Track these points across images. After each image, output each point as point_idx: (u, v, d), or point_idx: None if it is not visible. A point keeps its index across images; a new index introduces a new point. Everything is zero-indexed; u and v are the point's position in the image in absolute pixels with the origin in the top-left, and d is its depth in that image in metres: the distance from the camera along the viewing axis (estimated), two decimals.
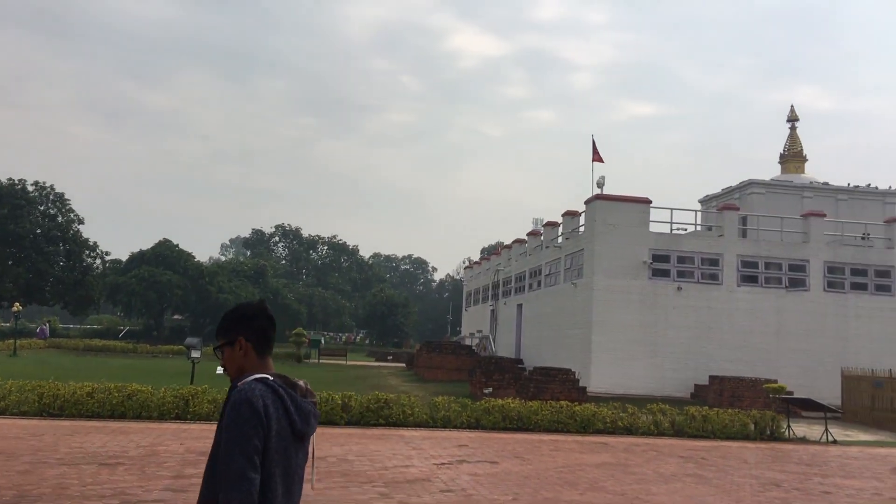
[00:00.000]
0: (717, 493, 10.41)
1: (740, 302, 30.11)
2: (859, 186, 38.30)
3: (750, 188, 37.70)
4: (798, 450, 15.91)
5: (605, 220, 29.70)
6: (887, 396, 22.86)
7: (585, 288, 30.23)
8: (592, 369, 28.56)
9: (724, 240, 30.74)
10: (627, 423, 17.20)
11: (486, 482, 10.31)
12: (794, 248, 31.09)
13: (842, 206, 37.07)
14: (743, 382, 25.25)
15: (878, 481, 12.19)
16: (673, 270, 30.01)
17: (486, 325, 47.29)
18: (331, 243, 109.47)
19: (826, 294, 30.72)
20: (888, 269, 31.28)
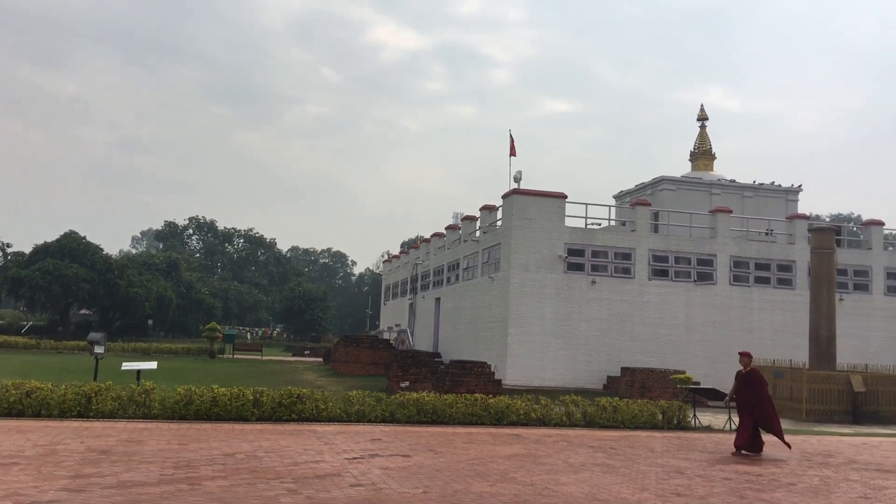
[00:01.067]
0: (623, 481, 10.61)
1: (651, 295, 30.92)
2: (764, 184, 39.80)
3: (661, 184, 38.73)
4: (703, 438, 16.40)
5: (521, 214, 30.03)
6: (787, 386, 23.83)
7: (502, 282, 30.50)
8: (508, 362, 28.85)
9: (636, 235, 31.50)
10: (541, 415, 17.40)
11: (398, 476, 10.24)
12: (702, 243, 32.09)
13: (747, 203, 38.47)
14: (653, 373, 25.91)
15: (775, 467, 12.66)
16: (587, 264, 30.58)
17: (404, 319, 47.23)
18: (247, 236, 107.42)
19: (732, 287, 31.84)
20: (790, 263, 32.61)
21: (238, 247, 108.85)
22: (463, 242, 37.44)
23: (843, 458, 14.23)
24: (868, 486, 11.17)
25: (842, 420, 22.54)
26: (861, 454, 15.07)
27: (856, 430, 20.44)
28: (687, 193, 38.37)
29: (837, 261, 28.32)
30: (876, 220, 35.12)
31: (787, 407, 23.36)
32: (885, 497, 10.37)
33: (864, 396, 22.97)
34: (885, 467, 13.30)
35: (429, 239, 45.52)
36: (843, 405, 22.96)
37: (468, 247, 36.24)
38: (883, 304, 33.26)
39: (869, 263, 33.53)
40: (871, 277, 33.43)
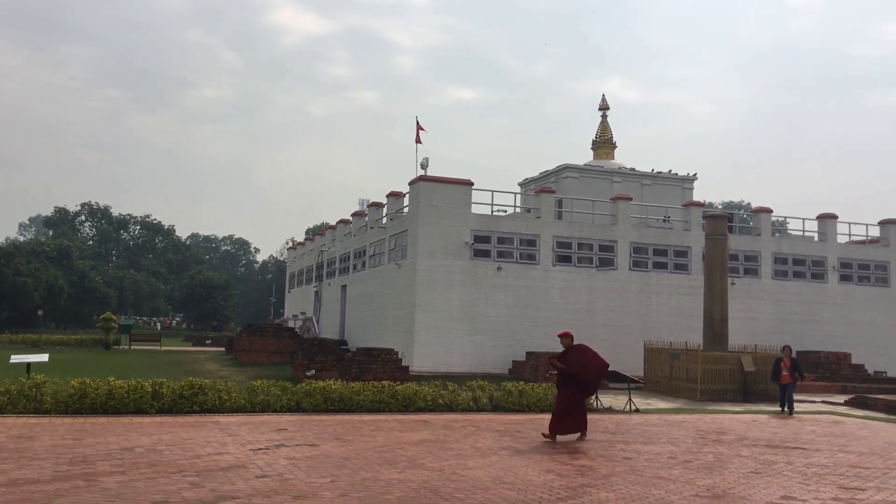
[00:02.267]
0: (529, 463, 10.79)
1: (555, 281, 31.53)
2: (662, 173, 41.12)
3: (565, 172, 39.49)
4: (604, 419, 16.85)
5: (428, 201, 30.05)
6: (683, 367, 24.75)
7: (409, 268, 30.50)
8: (416, 348, 28.91)
9: (541, 221, 32.01)
10: (448, 401, 17.50)
11: (305, 465, 10.10)
12: (604, 230, 32.91)
13: (646, 191, 39.67)
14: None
15: (673, 445, 13.14)
16: (493, 251, 30.90)
17: (310, 307, 46.66)
18: (144, 223, 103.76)
19: (631, 273, 32.80)
20: (686, 249, 33.83)
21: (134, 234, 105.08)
22: (370, 229, 37.22)
23: (736, 436, 14.88)
24: (758, 462, 11.71)
25: (734, 398, 23.56)
26: (751, 431, 15.80)
27: (746, 407, 21.42)
28: (589, 181, 39.26)
29: (730, 246, 29.57)
30: (764, 207, 36.82)
31: (683, 387, 24.28)
32: (774, 471, 10.89)
33: (754, 375, 24.08)
34: (773, 443, 13.98)
35: (335, 226, 45.06)
36: (734, 384, 24.01)
37: (375, 234, 36.05)
38: (771, 288, 34.94)
39: (758, 249, 35.14)
40: (760, 262, 35.06)
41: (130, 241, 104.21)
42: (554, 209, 33.49)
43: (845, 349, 33.85)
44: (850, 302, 35.94)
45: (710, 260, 27.19)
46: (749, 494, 9.12)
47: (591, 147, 44.53)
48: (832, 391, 27.74)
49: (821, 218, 37.07)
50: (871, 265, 36.78)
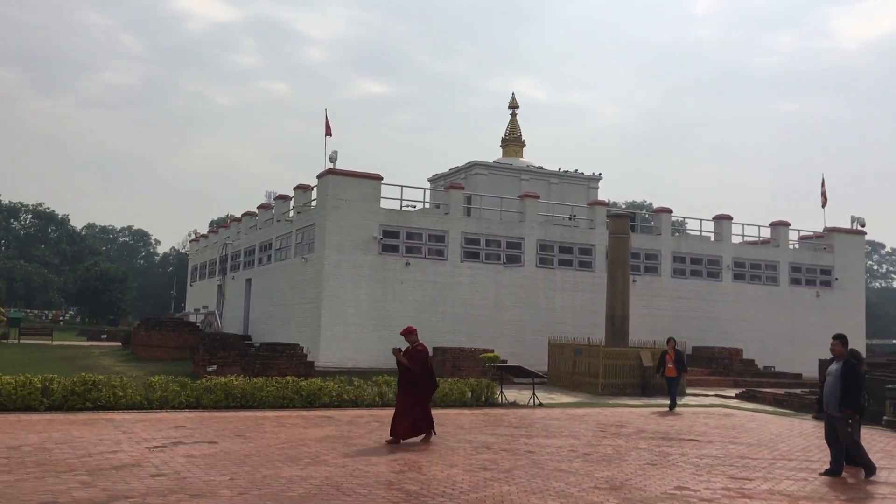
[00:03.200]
0: (433, 458, 10.81)
1: (463, 277, 31.73)
2: (568, 172, 41.93)
3: (474, 169, 39.78)
4: (509, 414, 17.07)
5: (336, 194, 29.75)
6: (585, 362, 25.34)
7: (316, 262, 30.13)
8: (322, 344, 28.59)
9: (450, 217, 32.14)
10: (353, 396, 17.38)
11: (203, 463, 9.83)
12: (511, 227, 33.31)
13: (553, 189, 40.38)
14: (463, 353, 26.63)
15: (574, 439, 13.42)
16: (402, 246, 30.85)
17: (212, 301, 45.50)
18: (36, 211, 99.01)
19: (538, 269, 33.33)
20: (590, 247, 34.60)
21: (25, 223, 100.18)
22: (276, 222, 36.55)
23: (634, 428, 15.33)
24: (654, 454, 12.09)
25: (633, 392, 24.28)
26: (649, 424, 16.30)
27: (644, 401, 22.10)
28: (498, 178, 39.68)
29: (631, 245, 30.44)
30: (665, 207, 38.04)
31: (586, 382, 24.85)
32: (669, 462, 11.26)
33: (653, 370, 24.86)
34: (669, 436, 14.46)
35: (240, 218, 44.05)
36: (634, 379, 24.75)
37: (281, 227, 35.44)
38: (669, 285, 36.14)
39: (658, 248, 36.27)
40: (660, 260, 36.20)
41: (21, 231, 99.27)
42: (463, 205, 33.69)
43: (738, 345, 35.36)
44: (743, 300, 37.54)
45: (613, 258, 27.91)
46: (645, 485, 9.39)
47: (501, 145, 45.02)
48: (725, 385, 28.96)
49: (717, 219, 38.56)
50: (763, 265, 38.51)
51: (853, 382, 10.54)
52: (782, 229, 39.51)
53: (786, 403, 22.12)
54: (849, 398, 10.53)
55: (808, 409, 19.69)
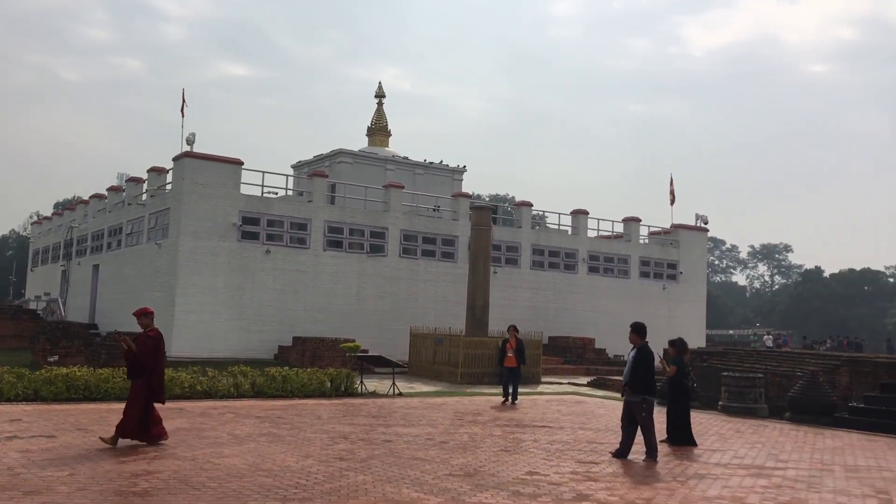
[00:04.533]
0: (289, 449, 10.62)
1: (326, 266, 31.37)
2: (433, 163, 42.26)
3: (339, 157, 39.37)
4: (368, 403, 17.02)
5: (193, 178, 28.66)
6: (446, 351, 25.65)
7: (170, 249, 28.94)
8: (175, 333, 27.51)
9: (313, 205, 31.67)
10: (207, 387, 16.83)
11: (40, 458, 9.23)
12: (376, 217, 33.22)
13: (418, 180, 40.59)
14: (324, 342, 26.36)
15: (432, 427, 13.54)
16: (262, 233, 30.13)
17: (56, 288, 42.81)
18: None
19: (401, 259, 33.42)
20: (453, 238, 35.03)
21: None
22: (127, 206, 34.78)
23: (490, 417, 15.65)
24: (508, 440, 12.39)
25: (491, 381, 24.74)
26: (504, 412, 16.70)
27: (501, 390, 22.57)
28: (363, 167, 39.46)
29: (493, 237, 31.05)
30: (526, 201, 39.07)
31: (446, 371, 25.16)
32: (522, 449, 11.57)
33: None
34: (522, 423, 14.87)
35: (87, 200, 41.64)
36: (493, 367, 25.22)
37: (133, 210, 33.77)
38: (529, 277, 37.17)
39: (519, 240, 37.21)
40: (520, 252, 37.15)
41: None
42: (327, 194, 33.29)
43: (590, 335, 36.85)
44: (597, 291, 39.14)
45: (475, 249, 28.38)
46: (498, 471, 9.59)
47: (367, 134, 44.77)
48: (578, 373, 30.14)
49: (574, 213, 39.96)
50: (615, 258, 40.28)
51: (643, 367, 11.16)
52: (634, 225, 41.46)
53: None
54: (639, 382, 11.13)
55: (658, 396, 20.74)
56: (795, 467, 10.89)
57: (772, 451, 12.30)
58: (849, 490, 9.35)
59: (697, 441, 12.93)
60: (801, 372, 19.31)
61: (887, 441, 14.11)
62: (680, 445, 12.56)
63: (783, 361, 22.41)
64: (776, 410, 17.91)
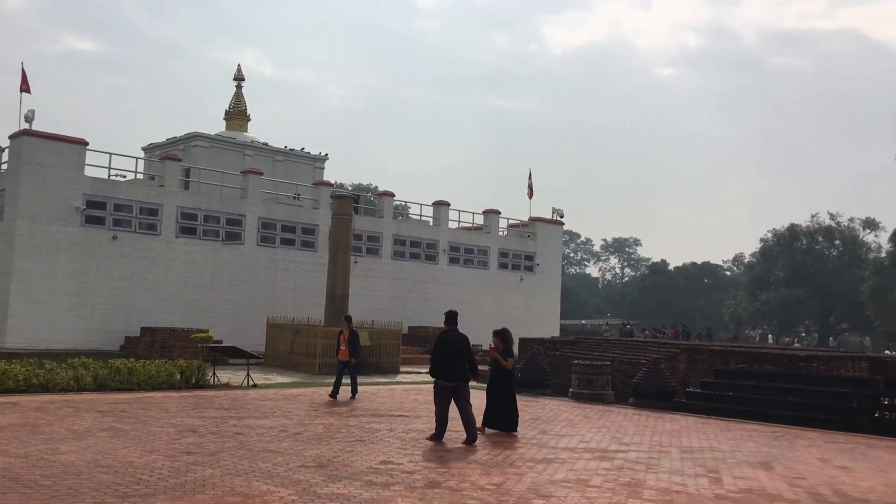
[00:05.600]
0: (132, 444, 10.13)
1: (178, 253, 30.20)
2: (294, 150, 41.51)
3: (195, 141, 37.94)
4: (220, 396, 16.52)
5: (32, 158, 26.82)
6: (304, 342, 25.29)
7: (5, 233, 26.99)
8: (10, 323, 25.75)
9: (165, 190, 30.40)
10: (44, 380, 15.80)
11: None
12: (232, 203, 32.27)
13: (278, 167, 39.74)
14: (175, 333, 25.39)
15: (286, 419, 13.30)
16: (109, 218, 28.65)
17: None
18: None
19: (259, 248, 32.66)
20: (314, 227, 34.56)
21: None
22: None
23: (346, 407, 15.56)
24: (364, 430, 12.35)
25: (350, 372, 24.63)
26: (361, 402, 16.64)
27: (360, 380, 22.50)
28: (220, 152, 38.20)
29: (354, 226, 30.86)
30: (388, 191, 39.09)
31: (304, 362, 24.81)
32: (377, 438, 11.56)
33: (370, 349, 25.45)
34: (379, 412, 14.87)
35: None
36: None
37: None
38: (390, 267, 37.24)
39: (380, 230, 37.19)
40: (381, 243, 37.14)
41: None
42: (180, 178, 32.03)
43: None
44: (457, 282, 39.73)
45: (336, 239, 28.10)
46: (352, 462, 9.54)
47: (224, 117, 43.37)
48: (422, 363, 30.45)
49: (436, 204, 40.35)
50: (475, 249, 41.03)
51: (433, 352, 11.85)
52: (493, 217, 42.37)
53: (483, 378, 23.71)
54: (431, 365, 11.85)
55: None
56: (636, 450, 11.46)
57: (616, 435, 12.89)
58: (683, 470, 9.93)
59: (546, 427, 13.34)
60: (644, 360, 20.36)
61: (719, 423, 15.10)
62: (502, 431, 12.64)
63: (629, 350, 23.56)
64: (622, 396, 18.81)
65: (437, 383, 11.77)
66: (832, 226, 75.74)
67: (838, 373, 18.60)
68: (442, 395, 11.74)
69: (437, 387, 11.79)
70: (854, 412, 15.15)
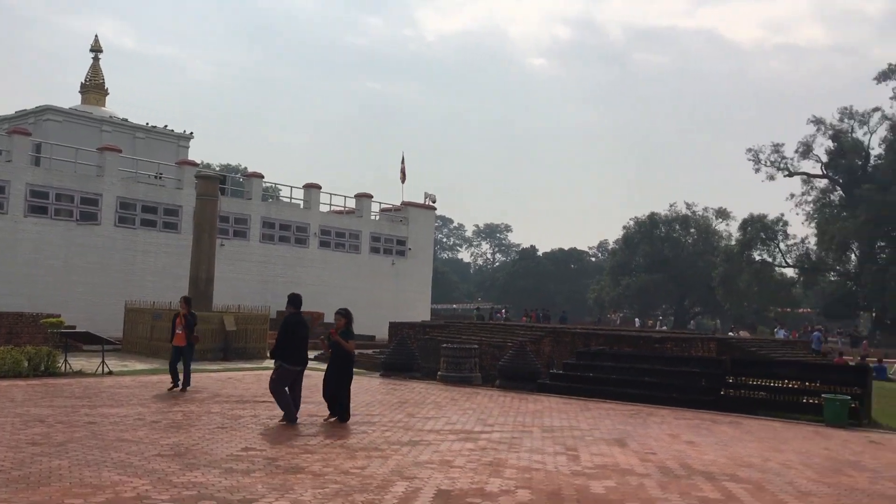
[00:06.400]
0: None
1: (27, 233, 28.39)
2: (157, 127, 39.73)
3: (46, 114, 35.66)
4: (73, 384, 15.66)
5: None
6: (164, 327, 24.24)
7: None
8: None
9: (12, 166, 28.46)
10: None
11: None
12: (88, 181, 30.59)
13: (139, 144, 37.94)
14: (22, 318, 23.83)
15: (142, 407, 12.76)
16: None
17: None
18: None
19: (117, 229, 31.13)
20: (177, 208, 33.26)
21: None
22: None
23: (209, 393, 15.09)
24: (226, 417, 12.01)
25: (214, 357, 23.93)
26: (225, 388, 16.20)
27: (225, 365, 21.94)
28: (75, 127, 36.04)
29: (221, 208, 29.86)
30: (257, 172, 38.12)
31: (165, 348, 23.72)
32: (240, 425, 11.27)
33: (235, 334, 24.80)
34: (244, 398, 14.52)
35: None
36: (216, 343, 24.40)
37: None
38: (258, 250, 36.36)
39: (248, 212, 36.22)
40: (249, 225, 36.18)
41: None
42: (30, 154, 30.02)
43: (322, 309, 36.86)
44: (328, 266, 39.29)
45: (200, 220, 27.11)
46: (212, 449, 9.24)
47: (81, 91, 40.93)
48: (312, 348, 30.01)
49: (307, 187, 39.68)
50: (347, 233, 40.69)
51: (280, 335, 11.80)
52: (366, 201, 42.13)
53: (358, 363, 23.61)
54: (277, 349, 11.75)
55: (378, 368, 21.28)
56: (500, 430, 11.70)
57: (481, 417, 13.12)
58: (543, 449, 10.23)
59: (414, 411, 13.42)
60: (511, 342, 20.83)
61: (580, 403, 15.66)
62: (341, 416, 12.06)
63: (497, 333, 24.04)
64: (489, 378, 19.18)
65: (283, 367, 11.64)
66: (688, 215, 79.94)
67: (689, 353, 19.70)
68: (286, 379, 11.71)
69: (283, 371, 11.65)
70: (702, 390, 16.08)
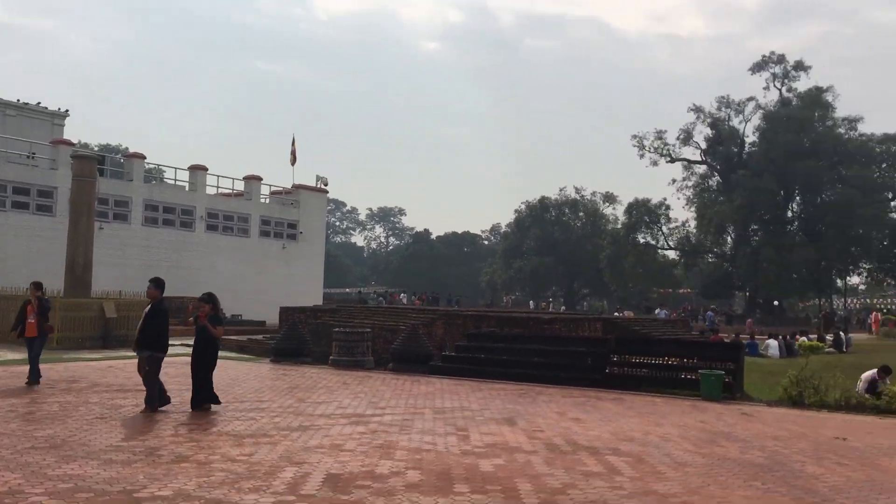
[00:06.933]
0: None
1: None
2: (29, 104, 37.53)
3: None
4: None
5: None
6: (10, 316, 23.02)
7: None
8: None
9: None
10: None
11: None
12: None
13: (10, 123, 35.80)
14: None
15: (15, 398, 12.05)
16: None
17: None
18: None
19: None
20: (51, 189, 31.59)
21: None
22: None
23: (88, 383, 14.45)
24: (106, 407, 11.52)
25: (94, 346, 22.93)
26: (105, 377, 15.54)
27: (105, 354, 21.03)
28: None
29: (99, 190, 28.53)
30: (138, 153, 36.59)
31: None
32: (121, 415, 10.83)
33: (117, 321, 23.80)
34: (125, 387, 13.96)
35: None
36: (95, 331, 23.38)
37: None
38: (141, 234, 34.97)
39: (130, 194, 34.75)
40: (131, 208, 34.73)
41: None
42: None
43: None
44: (215, 250, 38.22)
45: (76, 203, 25.82)
46: (90, 440, 8.84)
47: None
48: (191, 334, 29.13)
49: (192, 169, 38.42)
50: (235, 216, 39.67)
51: (154, 324, 11.37)
52: (255, 184, 41.18)
53: (248, 349, 23.19)
54: (149, 338, 11.32)
55: (269, 354, 20.89)
56: (392, 413, 11.70)
57: (373, 400, 13.09)
58: (434, 430, 10.29)
59: (304, 396, 13.25)
60: (404, 325, 20.86)
61: (472, 384, 15.84)
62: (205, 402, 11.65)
63: (389, 316, 24.03)
64: (382, 361, 19.15)
65: (154, 356, 11.36)
66: (577, 199, 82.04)
67: (577, 334, 20.26)
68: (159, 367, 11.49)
69: (155, 359, 11.38)
70: (588, 369, 16.57)
